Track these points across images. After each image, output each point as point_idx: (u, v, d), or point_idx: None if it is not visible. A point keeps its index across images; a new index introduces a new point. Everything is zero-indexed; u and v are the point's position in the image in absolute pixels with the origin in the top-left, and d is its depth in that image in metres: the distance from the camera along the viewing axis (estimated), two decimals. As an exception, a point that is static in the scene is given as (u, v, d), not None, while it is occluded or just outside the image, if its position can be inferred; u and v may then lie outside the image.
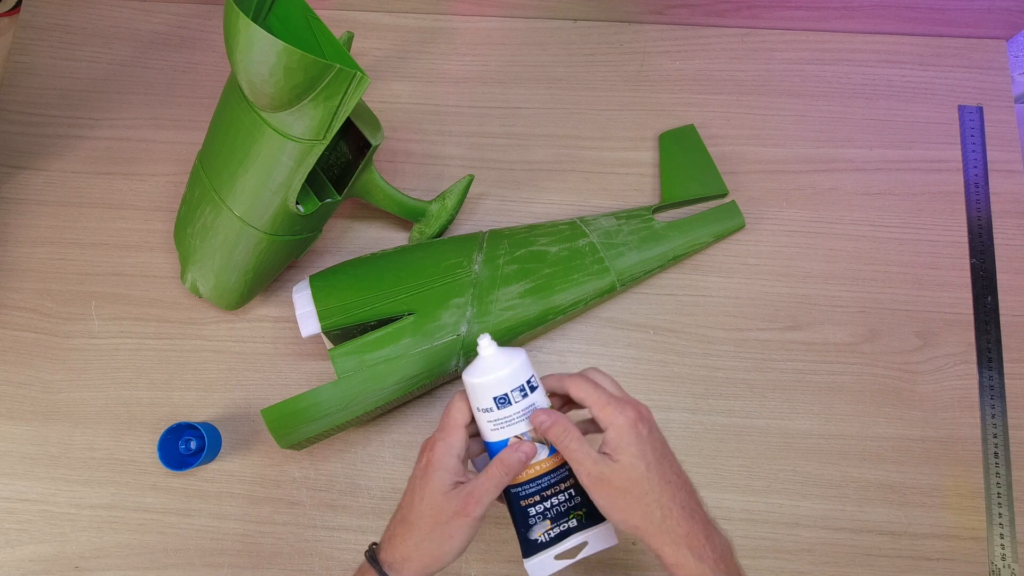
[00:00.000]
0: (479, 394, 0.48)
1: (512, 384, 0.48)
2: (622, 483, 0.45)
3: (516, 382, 0.48)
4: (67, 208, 0.72)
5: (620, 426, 0.46)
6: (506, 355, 0.49)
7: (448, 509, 0.46)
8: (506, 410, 0.48)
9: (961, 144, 0.74)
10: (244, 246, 0.61)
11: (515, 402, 0.48)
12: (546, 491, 0.49)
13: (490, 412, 0.48)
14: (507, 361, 0.48)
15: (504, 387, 0.48)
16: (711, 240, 0.70)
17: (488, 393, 0.48)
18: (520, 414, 0.48)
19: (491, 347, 0.49)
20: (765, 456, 0.65)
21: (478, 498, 0.46)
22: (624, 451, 0.45)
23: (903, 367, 0.67)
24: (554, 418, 0.47)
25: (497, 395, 0.48)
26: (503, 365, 0.48)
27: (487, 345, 0.49)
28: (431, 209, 0.68)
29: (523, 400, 0.48)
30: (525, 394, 0.48)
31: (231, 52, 0.53)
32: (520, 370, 0.48)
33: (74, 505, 0.64)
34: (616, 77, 0.77)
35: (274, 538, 0.63)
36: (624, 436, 0.45)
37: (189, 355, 0.68)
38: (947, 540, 0.63)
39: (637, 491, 0.45)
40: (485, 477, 0.47)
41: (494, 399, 0.48)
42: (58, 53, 0.77)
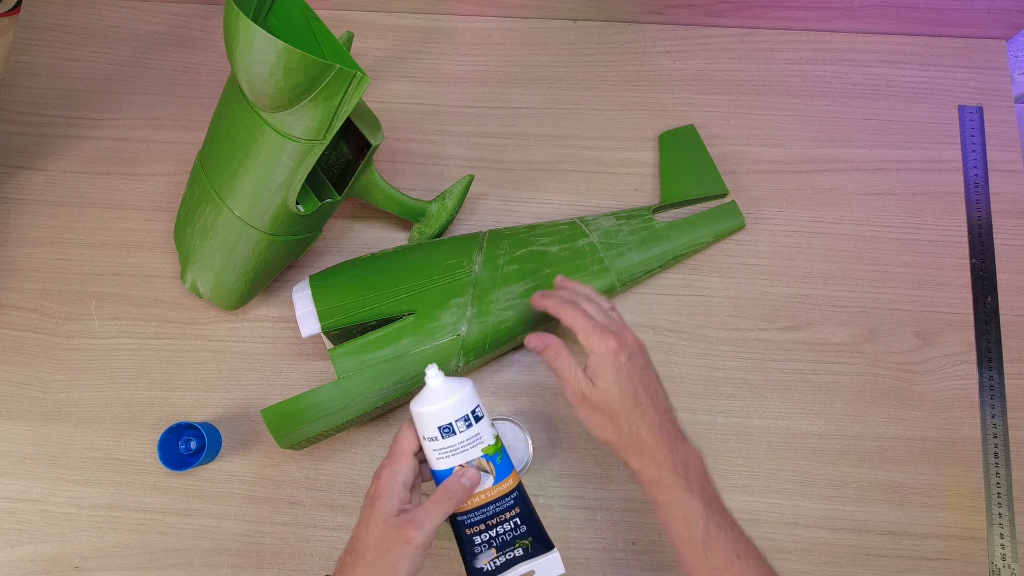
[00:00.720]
0: (425, 423, 0.49)
1: (457, 414, 0.49)
2: (598, 403, 0.50)
3: (461, 412, 0.49)
4: (67, 208, 0.72)
5: (600, 354, 0.50)
6: (452, 385, 0.50)
7: (391, 537, 0.47)
8: (451, 439, 0.49)
9: (961, 144, 0.74)
10: (244, 246, 0.61)
11: (459, 432, 0.49)
12: (491, 519, 0.49)
13: (435, 441, 0.49)
14: (453, 391, 0.49)
15: (449, 417, 0.49)
16: (711, 240, 0.70)
17: (433, 422, 0.49)
18: (465, 443, 0.49)
19: (438, 377, 0.50)
20: (765, 456, 0.65)
21: (419, 524, 0.46)
22: (602, 377, 0.50)
23: (903, 367, 0.67)
24: (546, 341, 0.52)
25: (442, 424, 0.48)
26: (448, 395, 0.49)
27: (434, 375, 0.50)
28: (431, 209, 0.68)
29: (468, 430, 0.49)
30: (470, 424, 0.49)
31: (231, 52, 0.53)
32: (465, 400, 0.49)
33: (74, 505, 0.64)
34: (616, 77, 0.77)
35: (274, 538, 0.63)
36: (603, 363, 0.50)
37: (189, 355, 0.68)
38: (947, 540, 0.63)
39: (610, 412, 0.50)
40: (429, 504, 0.47)
41: (439, 428, 0.49)
42: (58, 53, 0.77)
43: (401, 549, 0.46)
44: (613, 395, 0.50)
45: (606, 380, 0.50)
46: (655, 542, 0.63)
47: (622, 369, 0.50)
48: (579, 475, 0.65)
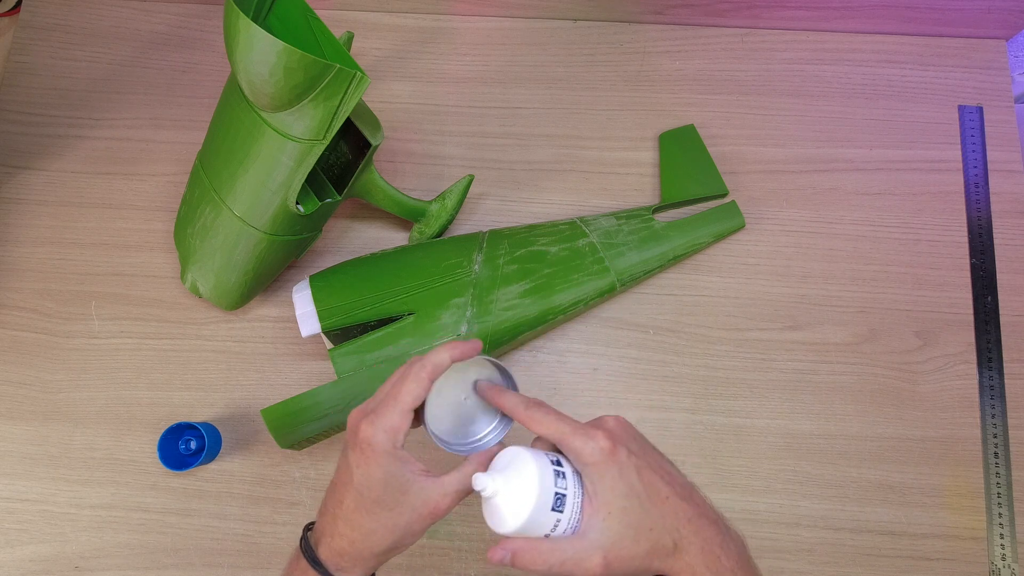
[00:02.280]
0: (538, 523, 0.39)
1: (549, 493, 0.39)
2: (628, 535, 0.39)
3: (550, 492, 0.39)
4: (67, 208, 0.72)
5: (595, 463, 0.40)
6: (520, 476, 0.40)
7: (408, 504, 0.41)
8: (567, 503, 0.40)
9: (961, 144, 0.74)
10: (244, 246, 0.61)
11: (568, 490, 0.40)
12: None
13: (559, 512, 0.40)
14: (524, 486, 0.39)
15: (547, 503, 0.39)
16: (711, 240, 0.70)
17: (543, 514, 0.39)
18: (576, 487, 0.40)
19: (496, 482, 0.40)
20: (765, 456, 0.65)
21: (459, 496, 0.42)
22: (613, 496, 0.39)
23: (903, 367, 0.67)
24: (513, 545, 0.40)
25: (553, 505, 0.39)
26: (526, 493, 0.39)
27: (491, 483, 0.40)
28: (431, 209, 0.68)
29: (569, 479, 0.40)
30: (563, 474, 0.40)
31: (231, 52, 0.53)
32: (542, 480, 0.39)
33: (74, 505, 0.64)
34: (616, 77, 0.77)
35: (274, 538, 0.63)
36: (603, 473, 0.40)
37: (189, 355, 0.68)
38: (947, 540, 0.63)
39: (644, 534, 0.39)
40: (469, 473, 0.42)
41: (552, 510, 0.39)
42: (58, 53, 0.77)
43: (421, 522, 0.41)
44: (636, 510, 0.39)
45: (618, 495, 0.39)
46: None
47: (628, 468, 0.40)
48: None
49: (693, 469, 0.65)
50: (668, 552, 0.40)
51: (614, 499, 0.39)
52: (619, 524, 0.39)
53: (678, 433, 0.66)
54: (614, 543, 0.39)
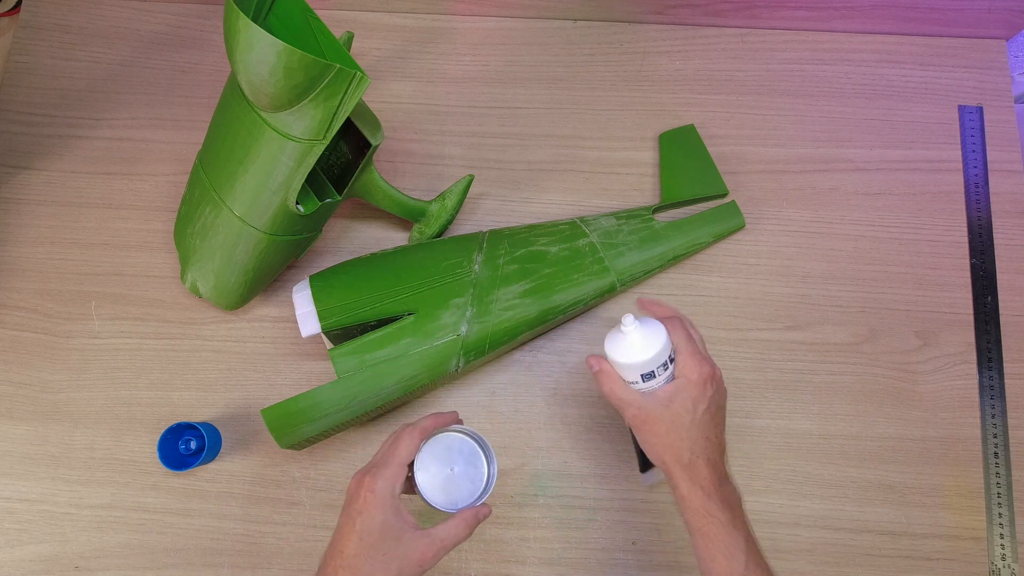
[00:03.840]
0: (628, 370, 0.51)
1: (659, 361, 0.50)
2: (665, 424, 0.49)
3: (662, 359, 0.50)
4: (67, 208, 0.72)
5: (690, 380, 0.50)
6: (649, 333, 0.51)
7: (401, 552, 0.45)
8: (650, 382, 0.51)
9: (961, 144, 0.74)
10: (244, 246, 0.61)
11: (659, 376, 0.51)
12: None
13: (636, 384, 0.52)
14: (653, 341, 0.50)
15: (652, 365, 0.50)
16: (711, 240, 0.70)
17: (637, 370, 0.51)
18: (662, 383, 0.51)
19: (633, 325, 0.51)
20: (765, 456, 0.65)
21: (445, 548, 0.47)
22: (681, 402, 0.50)
23: (903, 367, 0.67)
24: (600, 365, 0.52)
25: (645, 372, 0.51)
26: (649, 346, 0.50)
27: (630, 324, 0.51)
28: (431, 209, 0.68)
29: (664, 373, 0.51)
30: (666, 367, 0.51)
31: (231, 52, 0.53)
32: (664, 349, 0.50)
33: (74, 505, 0.64)
34: (616, 77, 0.77)
35: (274, 538, 0.63)
36: (687, 388, 0.50)
37: (189, 355, 0.68)
38: (947, 540, 0.63)
39: (676, 435, 0.49)
40: (451, 531, 0.47)
41: (642, 376, 0.51)
42: (58, 53, 0.77)
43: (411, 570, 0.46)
44: (684, 420, 0.49)
45: (683, 405, 0.50)
46: (655, 542, 0.63)
47: (702, 399, 0.50)
48: (579, 475, 0.65)
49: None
50: (680, 461, 0.49)
51: (680, 405, 0.50)
52: (668, 415, 0.50)
53: (678, 433, 0.66)
54: (655, 419, 0.50)
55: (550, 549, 0.63)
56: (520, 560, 0.63)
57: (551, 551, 0.63)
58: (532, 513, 0.64)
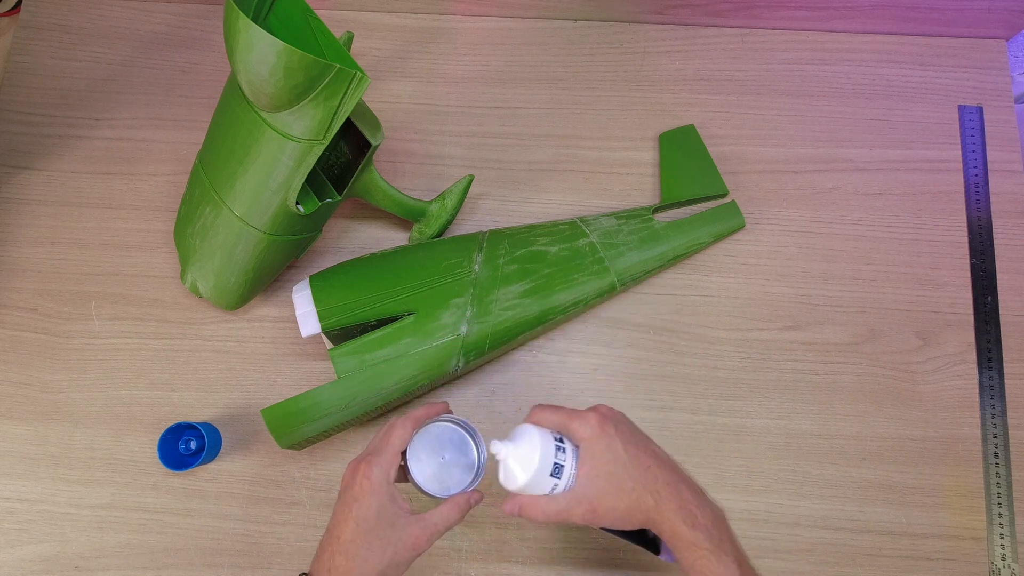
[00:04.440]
0: (536, 484, 0.48)
1: (549, 459, 0.48)
2: (610, 492, 0.47)
3: (550, 458, 0.48)
4: (67, 208, 0.72)
5: (588, 437, 0.48)
6: (523, 446, 0.49)
7: (396, 537, 0.47)
8: (564, 473, 0.48)
9: (961, 144, 0.74)
10: (244, 246, 0.61)
11: (566, 463, 0.48)
12: None
13: (557, 479, 0.48)
14: (529, 451, 0.48)
15: (548, 463, 0.48)
16: (711, 240, 0.70)
17: (544, 476, 0.48)
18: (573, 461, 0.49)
19: (505, 448, 0.49)
20: (765, 456, 0.65)
21: (438, 531, 0.48)
22: (600, 461, 0.47)
23: (903, 367, 0.67)
24: (517, 501, 0.48)
25: (551, 471, 0.48)
26: (530, 455, 0.48)
27: (500, 449, 0.49)
28: (431, 209, 0.68)
29: (565, 453, 0.49)
30: (562, 448, 0.49)
31: (231, 52, 0.53)
32: (545, 446, 0.48)
33: (74, 505, 0.64)
34: (616, 77, 0.77)
35: (274, 538, 0.63)
36: (594, 444, 0.48)
37: (189, 355, 0.68)
38: (947, 540, 0.63)
39: (625, 491, 0.47)
40: (447, 512, 0.48)
41: (551, 475, 0.48)
42: (58, 53, 0.78)
43: (412, 555, 0.47)
44: (618, 473, 0.47)
45: (604, 461, 0.47)
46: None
47: (614, 440, 0.48)
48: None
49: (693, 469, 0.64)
50: (649, 508, 0.47)
51: (602, 464, 0.48)
52: (605, 482, 0.47)
53: (678, 433, 0.66)
54: (599, 496, 0.47)
55: (550, 549, 0.63)
56: (520, 560, 0.63)
57: (551, 551, 0.63)
58: (532, 513, 0.64)
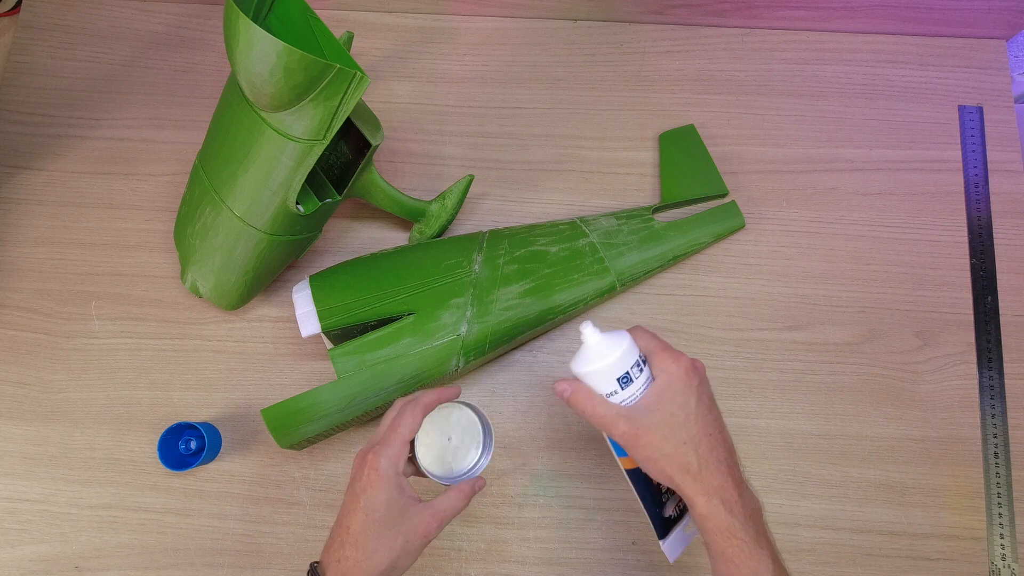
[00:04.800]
0: (601, 380, 0.47)
1: (631, 359, 0.47)
2: (661, 431, 0.45)
3: (634, 356, 0.47)
4: (67, 208, 0.72)
5: (672, 373, 0.46)
6: (612, 336, 0.48)
7: (406, 526, 0.46)
8: (629, 388, 0.47)
9: (961, 144, 0.74)
10: (244, 246, 0.61)
11: (635, 378, 0.47)
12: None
13: (615, 395, 0.47)
14: (619, 340, 0.47)
15: (625, 365, 0.46)
16: (711, 240, 0.70)
17: (611, 375, 0.46)
18: (642, 389, 0.47)
19: (595, 334, 0.47)
20: (765, 456, 0.65)
21: (447, 518, 0.48)
22: (669, 399, 0.45)
23: (903, 367, 0.68)
24: (574, 386, 0.47)
25: (619, 375, 0.46)
26: (618, 344, 0.47)
27: (591, 333, 0.47)
28: (431, 209, 0.68)
29: (642, 374, 0.47)
30: (642, 369, 0.47)
31: (231, 52, 0.53)
32: (633, 347, 0.47)
33: (74, 505, 0.64)
34: (616, 77, 0.77)
35: (274, 538, 0.64)
36: (673, 384, 0.46)
37: (189, 355, 0.68)
38: (947, 540, 0.63)
39: (675, 439, 0.45)
40: (453, 498, 0.48)
41: (618, 380, 0.46)
42: (58, 53, 0.78)
43: (420, 542, 0.47)
44: (679, 419, 0.45)
45: (674, 402, 0.45)
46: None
47: (692, 392, 0.46)
48: (578, 475, 0.65)
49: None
50: (688, 470, 0.44)
51: (670, 404, 0.45)
52: (662, 419, 0.45)
53: (678, 433, 0.66)
54: (650, 428, 0.45)
55: (550, 549, 0.63)
56: (520, 560, 0.63)
57: (551, 551, 0.63)
58: (532, 513, 0.64)
